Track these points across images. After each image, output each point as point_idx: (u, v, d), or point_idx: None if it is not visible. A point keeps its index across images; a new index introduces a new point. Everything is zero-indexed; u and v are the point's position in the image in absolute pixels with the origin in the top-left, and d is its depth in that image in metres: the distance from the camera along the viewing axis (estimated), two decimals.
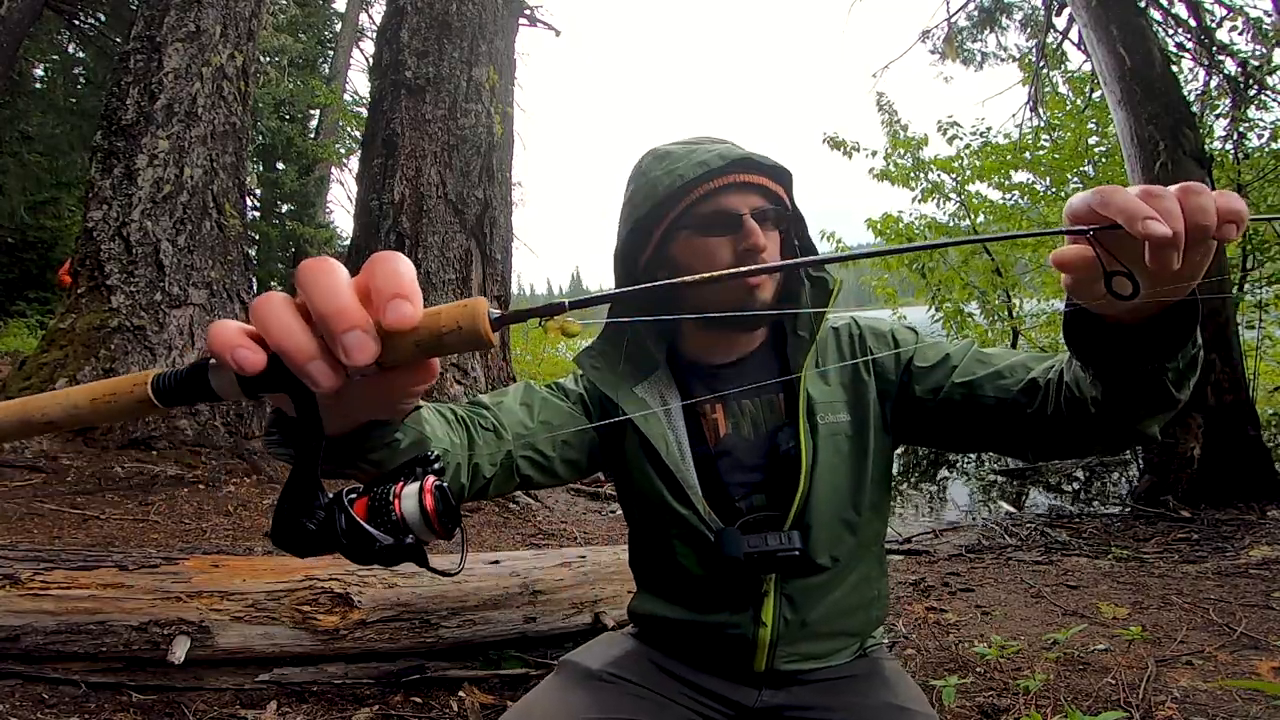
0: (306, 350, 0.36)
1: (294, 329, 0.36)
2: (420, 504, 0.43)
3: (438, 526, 0.44)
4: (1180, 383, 0.65)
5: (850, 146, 6.83)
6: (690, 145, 0.95)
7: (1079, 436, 0.77)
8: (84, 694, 1.45)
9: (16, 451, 3.38)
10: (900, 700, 0.91)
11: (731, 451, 0.95)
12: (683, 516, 0.93)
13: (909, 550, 3.31)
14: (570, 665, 0.99)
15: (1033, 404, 0.79)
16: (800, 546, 0.89)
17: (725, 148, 0.92)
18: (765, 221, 0.92)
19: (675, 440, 0.95)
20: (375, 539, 0.42)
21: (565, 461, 0.96)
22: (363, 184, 5.07)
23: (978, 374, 0.86)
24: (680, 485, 0.92)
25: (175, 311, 3.99)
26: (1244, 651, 1.88)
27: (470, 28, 4.93)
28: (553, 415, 0.95)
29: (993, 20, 7.07)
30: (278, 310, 0.36)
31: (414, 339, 0.37)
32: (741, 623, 0.92)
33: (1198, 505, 3.70)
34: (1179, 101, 4.18)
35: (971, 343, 0.96)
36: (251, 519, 3.00)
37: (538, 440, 0.91)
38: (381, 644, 1.59)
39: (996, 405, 0.83)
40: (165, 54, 4.22)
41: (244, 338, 0.36)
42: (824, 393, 0.95)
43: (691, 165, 0.90)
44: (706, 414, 0.97)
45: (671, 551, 0.96)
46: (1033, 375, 0.81)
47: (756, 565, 0.89)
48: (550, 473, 0.95)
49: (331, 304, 0.35)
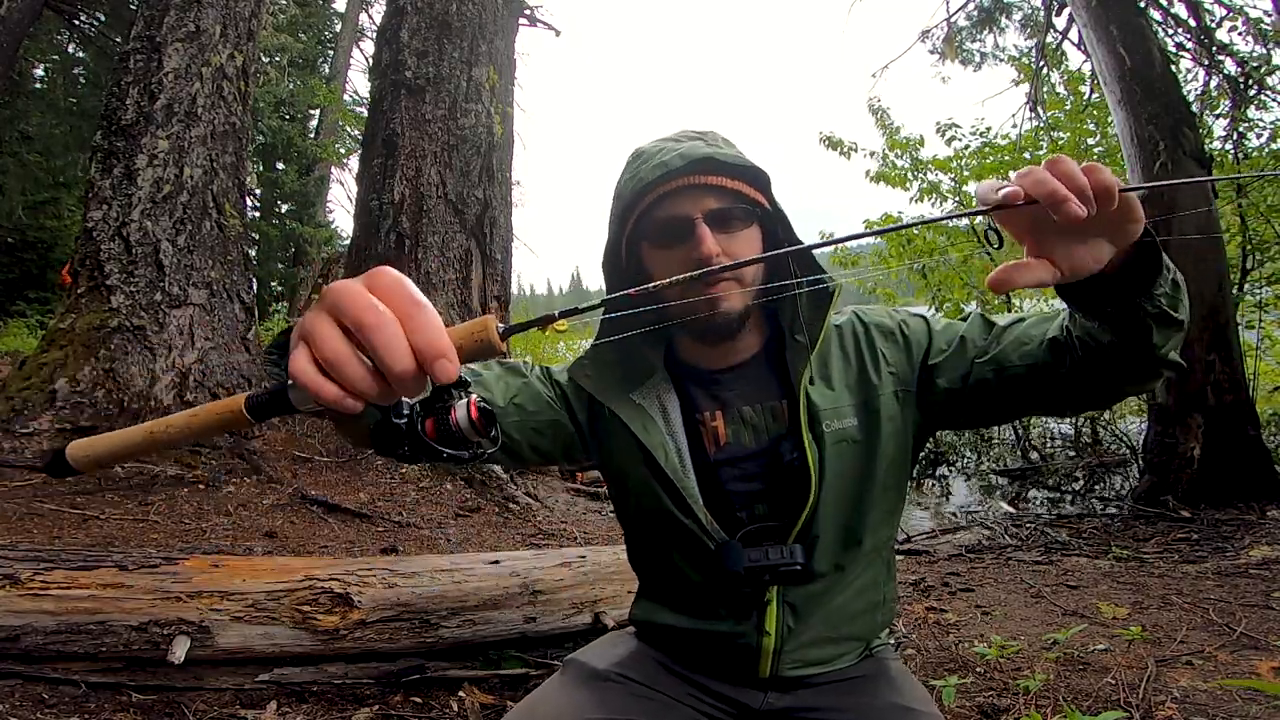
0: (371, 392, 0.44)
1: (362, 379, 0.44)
2: (468, 412, 0.56)
3: (480, 428, 0.56)
4: (1175, 304, 0.71)
5: (848, 146, 6.83)
6: (662, 144, 0.93)
7: (1110, 380, 0.79)
8: (84, 694, 1.45)
9: (16, 452, 3.38)
10: (906, 701, 0.90)
11: (733, 460, 0.93)
12: (684, 525, 0.91)
13: (909, 550, 3.31)
14: (576, 665, 0.99)
15: (1063, 363, 0.80)
16: (802, 561, 0.87)
17: (692, 147, 0.90)
18: (728, 224, 0.89)
19: (675, 448, 0.93)
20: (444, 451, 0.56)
21: (534, 448, 0.95)
22: (363, 184, 5.07)
23: (1003, 347, 0.85)
24: (681, 494, 0.91)
25: (175, 311, 3.99)
26: (1244, 651, 1.88)
27: (470, 28, 4.93)
28: (529, 399, 0.94)
29: (992, 20, 7.07)
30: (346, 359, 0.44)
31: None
32: (745, 631, 0.91)
33: (1198, 505, 3.70)
34: (1179, 101, 4.18)
35: (980, 315, 0.93)
36: (251, 519, 3.00)
37: (507, 421, 0.91)
38: (381, 644, 1.59)
39: (1029, 373, 0.83)
40: (165, 54, 4.22)
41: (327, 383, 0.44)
42: (828, 398, 0.91)
43: (651, 167, 0.89)
44: (706, 421, 0.95)
45: (671, 559, 0.95)
46: (1051, 335, 0.81)
47: (758, 579, 0.88)
48: (516, 456, 0.95)
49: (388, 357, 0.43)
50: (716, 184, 0.89)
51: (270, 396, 0.48)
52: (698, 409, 0.96)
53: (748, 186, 0.91)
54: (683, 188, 0.88)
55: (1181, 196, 3.94)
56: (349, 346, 0.44)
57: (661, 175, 0.88)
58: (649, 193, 0.90)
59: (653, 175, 0.88)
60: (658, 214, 0.90)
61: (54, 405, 3.57)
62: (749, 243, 0.91)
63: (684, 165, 0.87)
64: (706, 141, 0.92)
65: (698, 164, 0.88)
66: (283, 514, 3.10)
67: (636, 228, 0.93)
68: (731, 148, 0.94)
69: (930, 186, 6.72)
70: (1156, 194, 4.00)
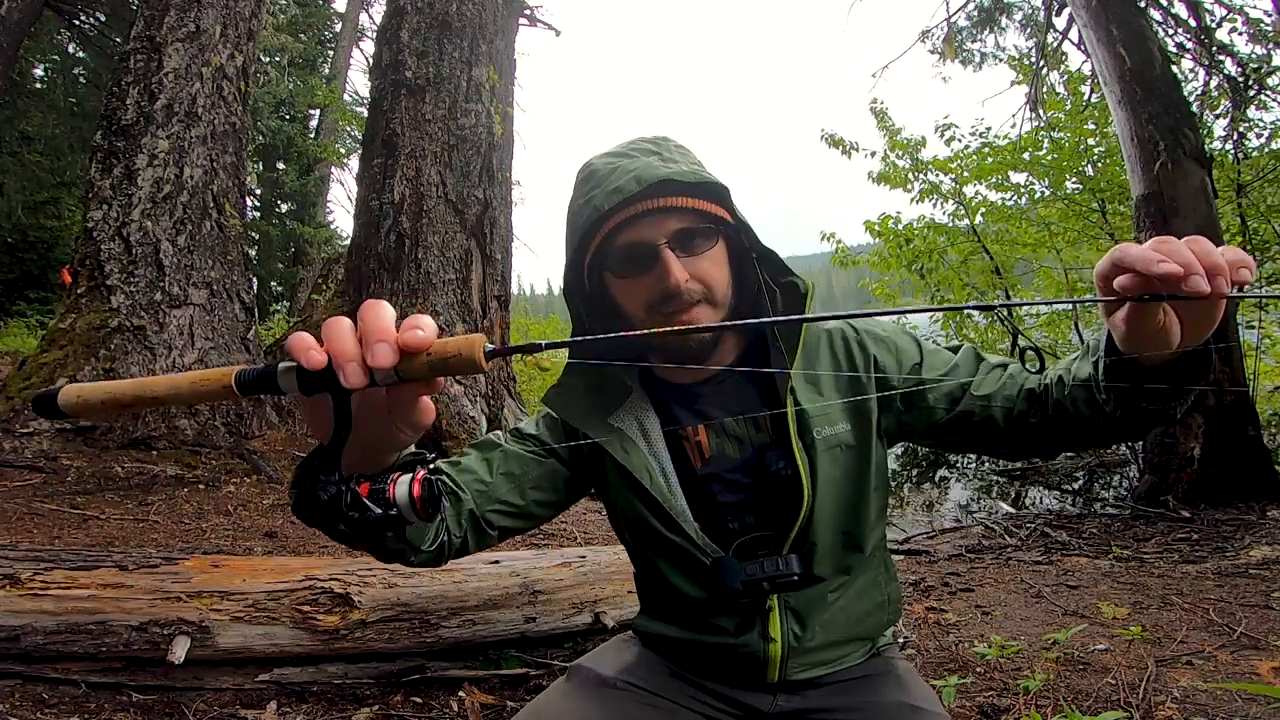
0: (349, 353, 0.50)
1: (346, 338, 0.50)
2: (409, 489, 0.55)
3: (420, 509, 0.56)
4: (1181, 407, 0.73)
5: (849, 145, 6.83)
6: (614, 161, 0.88)
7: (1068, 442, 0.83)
8: (84, 694, 1.45)
9: (16, 452, 3.38)
10: (913, 699, 0.90)
11: (719, 473, 0.92)
12: (674, 543, 0.91)
13: (909, 550, 3.31)
14: (582, 671, 0.98)
15: (1034, 414, 0.82)
16: (799, 571, 0.87)
17: (644, 166, 0.85)
18: (692, 245, 0.86)
19: (659, 468, 0.92)
20: (369, 511, 0.55)
21: (539, 504, 0.95)
22: (363, 184, 5.07)
23: (995, 386, 0.86)
24: (669, 514, 0.90)
25: (175, 311, 3.99)
26: (1244, 651, 1.88)
27: (470, 28, 4.93)
28: (514, 464, 0.94)
29: (992, 20, 7.07)
30: (339, 326, 0.51)
31: (426, 360, 0.50)
32: (750, 641, 0.91)
33: (1198, 505, 3.70)
34: (1179, 101, 4.18)
35: (972, 349, 0.94)
36: (251, 519, 3.00)
37: (501, 493, 0.91)
38: (381, 644, 1.59)
39: (1004, 416, 0.85)
40: (165, 54, 4.22)
41: (314, 343, 0.50)
42: (818, 404, 0.90)
43: (606, 193, 0.85)
44: (689, 435, 0.93)
45: (667, 577, 0.94)
46: (1028, 385, 0.83)
47: (756, 590, 0.88)
48: (527, 517, 0.95)
49: (373, 325, 0.50)
50: (677, 205, 0.86)
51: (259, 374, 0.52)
52: (679, 425, 0.94)
53: (707, 203, 0.88)
54: (642, 213, 0.85)
55: (1182, 196, 3.95)
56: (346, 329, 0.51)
57: (619, 202, 0.84)
58: (606, 221, 0.87)
59: (609, 202, 0.84)
60: (618, 241, 0.87)
61: None
62: (715, 261, 0.89)
63: (640, 190, 0.83)
64: (661, 157, 0.88)
65: (655, 188, 0.84)
66: (283, 514, 3.10)
67: (596, 256, 0.90)
68: (687, 158, 0.91)
69: (931, 187, 6.72)
70: (1156, 194, 4.01)
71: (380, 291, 4.70)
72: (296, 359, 0.50)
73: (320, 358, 0.49)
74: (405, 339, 0.49)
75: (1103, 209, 5.94)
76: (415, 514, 0.56)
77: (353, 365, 0.49)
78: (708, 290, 0.87)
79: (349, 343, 0.50)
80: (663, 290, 0.85)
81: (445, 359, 0.49)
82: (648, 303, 0.87)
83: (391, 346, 0.49)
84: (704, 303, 0.87)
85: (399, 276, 4.69)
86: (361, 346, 0.50)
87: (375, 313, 0.51)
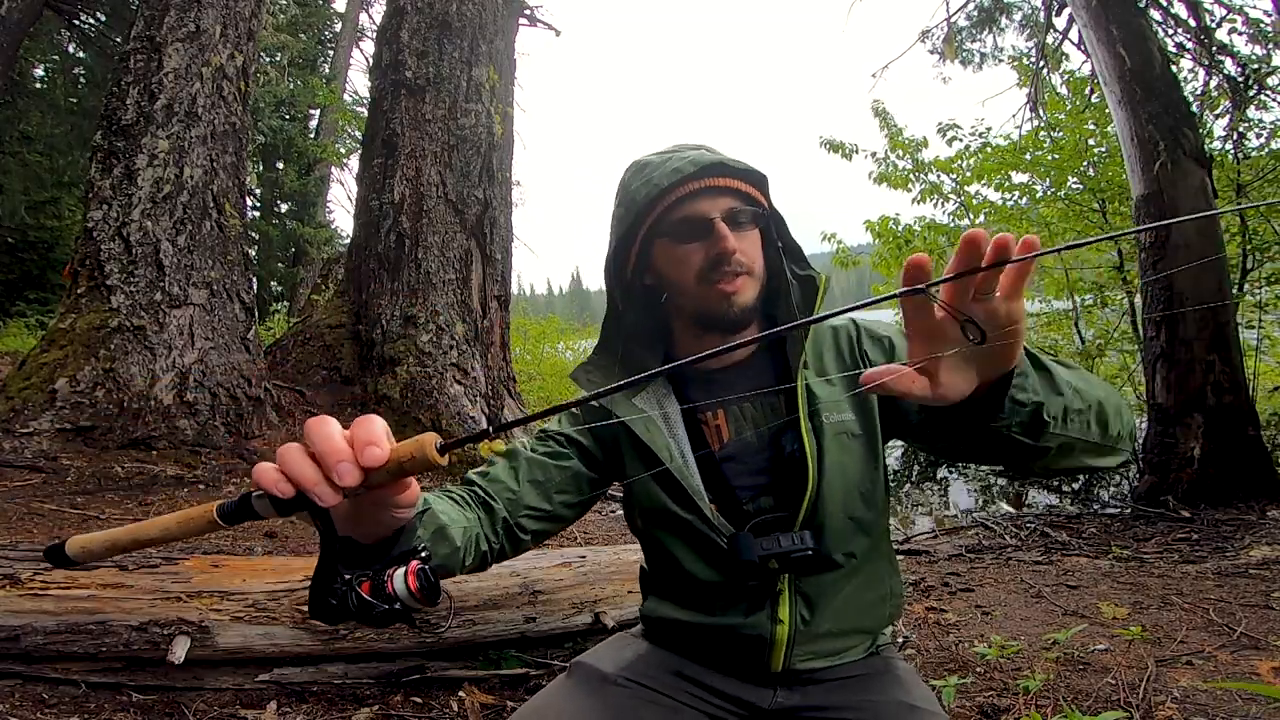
0: (312, 479, 0.52)
1: (304, 466, 0.52)
2: (405, 582, 0.59)
3: (420, 598, 0.59)
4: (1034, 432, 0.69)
5: (849, 148, 6.82)
6: (667, 154, 0.98)
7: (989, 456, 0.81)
8: (84, 694, 1.45)
9: (16, 452, 3.38)
10: (913, 699, 0.91)
11: (736, 455, 0.95)
12: (689, 523, 0.93)
13: (909, 550, 3.31)
14: (583, 668, 0.99)
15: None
16: (813, 546, 0.90)
17: (699, 154, 0.95)
18: (739, 224, 0.95)
19: (678, 448, 0.95)
20: (375, 607, 0.58)
21: (566, 505, 0.99)
22: (363, 184, 5.08)
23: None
24: (686, 492, 0.93)
25: (175, 311, 3.99)
26: (1244, 651, 1.88)
27: (470, 28, 4.93)
28: (538, 471, 0.98)
29: (992, 20, 7.07)
30: (294, 455, 0.53)
31: (386, 468, 0.53)
32: (758, 622, 0.92)
33: (1198, 505, 3.70)
34: (1179, 101, 4.18)
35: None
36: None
37: (530, 499, 0.96)
38: (381, 644, 1.59)
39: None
40: (165, 54, 4.21)
41: (278, 475, 0.53)
42: (828, 392, 0.95)
43: (666, 173, 0.94)
44: (708, 420, 0.97)
45: (680, 561, 0.96)
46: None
47: (768, 570, 0.90)
48: (557, 519, 0.99)
49: (325, 446, 0.53)
50: (730, 186, 0.95)
51: (238, 505, 0.55)
52: (699, 409, 0.98)
53: (753, 189, 0.97)
54: (700, 190, 0.94)
55: (1182, 197, 3.95)
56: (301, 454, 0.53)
57: (678, 179, 0.93)
58: (666, 196, 0.94)
59: (669, 179, 0.93)
60: (676, 215, 0.95)
61: (54, 405, 3.57)
62: (753, 242, 0.97)
63: (697, 170, 0.92)
64: (708, 150, 0.98)
65: (710, 169, 0.93)
66: None
67: (651, 230, 0.97)
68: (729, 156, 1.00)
69: (932, 187, 6.72)
70: (1156, 194, 4.01)
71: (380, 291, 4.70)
72: (269, 491, 0.53)
73: (288, 489, 0.52)
74: (364, 461, 0.52)
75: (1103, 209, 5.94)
76: (417, 602, 0.59)
77: (320, 488, 0.52)
78: (751, 264, 0.95)
79: (308, 470, 0.52)
80: (716, 254, 0.92)
81: (401, 463, 0.53)
82: (699, 268, 0.94)
83: (353, 465, 0.52)
84: (747, 275, 0.95)
85: (399, 276, 4.69)
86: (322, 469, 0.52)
87: (325, 432, 0.53)
